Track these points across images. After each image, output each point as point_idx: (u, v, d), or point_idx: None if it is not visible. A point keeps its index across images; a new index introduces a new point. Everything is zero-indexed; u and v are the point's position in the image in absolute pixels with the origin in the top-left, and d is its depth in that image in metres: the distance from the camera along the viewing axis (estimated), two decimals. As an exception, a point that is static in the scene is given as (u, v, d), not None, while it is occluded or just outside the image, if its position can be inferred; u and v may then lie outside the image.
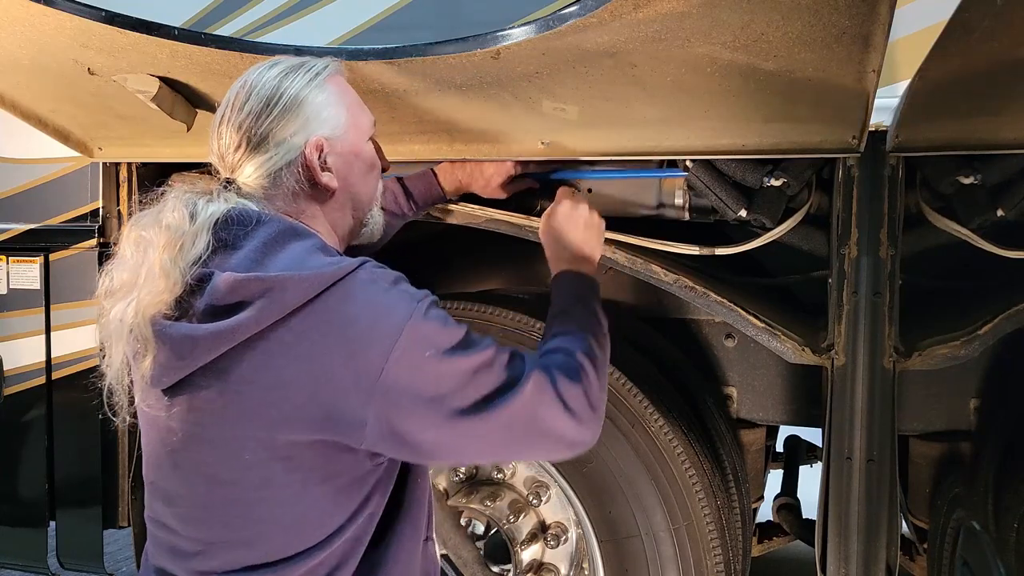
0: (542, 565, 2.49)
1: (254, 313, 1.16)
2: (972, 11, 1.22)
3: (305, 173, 1.36)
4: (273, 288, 1.17)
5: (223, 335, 1.17)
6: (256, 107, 1.34)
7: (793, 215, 2.04)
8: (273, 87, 1.35)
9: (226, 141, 1.36)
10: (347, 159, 1.41)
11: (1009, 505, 2.19)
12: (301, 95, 1.36)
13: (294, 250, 1.25)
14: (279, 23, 2.39)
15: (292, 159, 1.35)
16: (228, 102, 1.37)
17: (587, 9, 1.36)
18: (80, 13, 1.60)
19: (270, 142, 1.34)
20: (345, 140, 1.41)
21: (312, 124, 1.36)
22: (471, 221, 2.20)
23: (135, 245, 1.28)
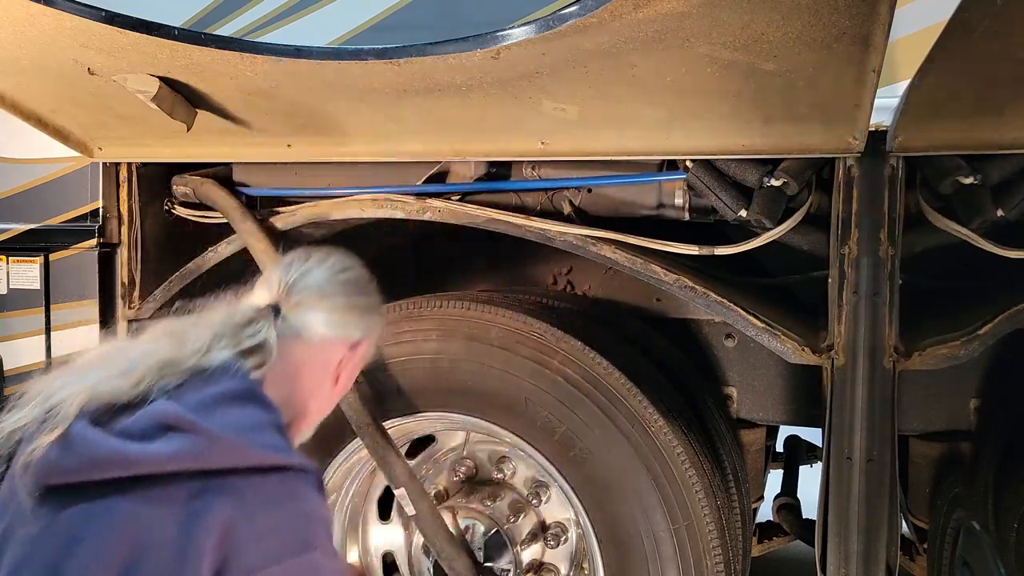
0: (542, 565, 2.49)
1: (173, 452, 1.12)
2: (972, 11, 1.23)
3: (331, 363, 1.47)
4: (201, 438, 1.14)
5: (132, 458, 1.13)
6: (357, 283, 1.52)
7: (793, 215, 2.04)
8: (372, 288, 1.56)
9: (312, 279, 1.47)
10: (345, 384, 1.53)
11: (1009, 505, 2.19)
12: (379, 313, 1.56)
13: (243, 416, 1.23)
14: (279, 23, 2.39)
15: (342, 339, 1.47)
16: (329, 260, 1.52)
17: (587, 9, 1.36)
18: (80, 13, 1.60)
19: (345, 316, 1.47)
20: (363, 363, 1.56)
21: (369, 335, 1.52)
22: (471, 221, 2.20)
23: (145, 341, 1.33)
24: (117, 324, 2.52)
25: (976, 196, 1.92)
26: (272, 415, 1.28)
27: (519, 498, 2.51)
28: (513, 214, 2.17)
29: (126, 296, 2.51)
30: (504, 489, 2.52)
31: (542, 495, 2.48)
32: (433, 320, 2.37)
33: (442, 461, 2.64)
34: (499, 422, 2.30)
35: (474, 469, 2.58)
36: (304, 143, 2.23)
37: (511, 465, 2.53)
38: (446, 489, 2.56)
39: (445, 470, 2.61)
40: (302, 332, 1.42)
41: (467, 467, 2.58)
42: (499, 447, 2.53)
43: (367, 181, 2.32)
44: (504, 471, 2.53)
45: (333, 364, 1.47)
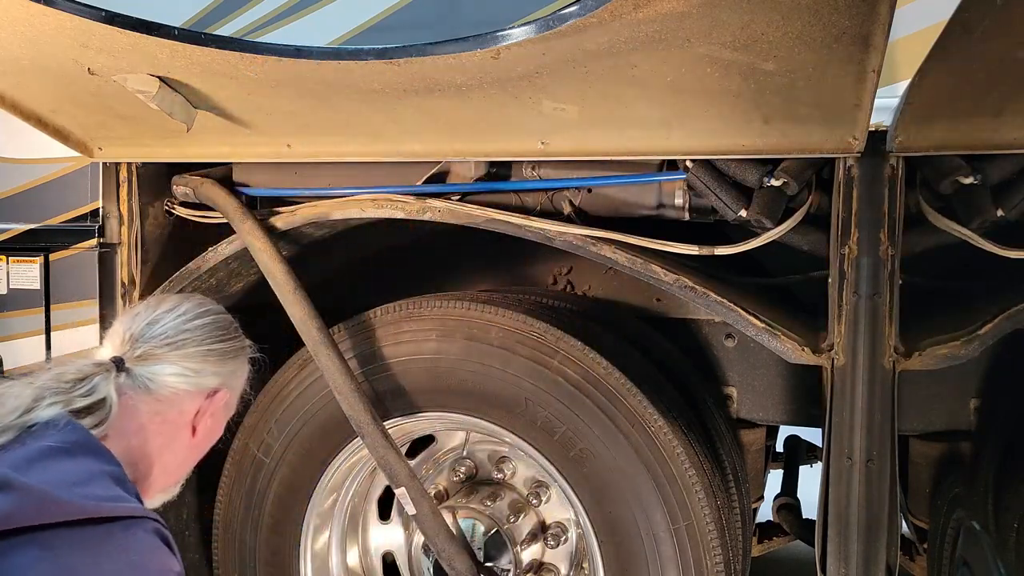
0: (542, 565, 2.49)
1: None
2: (972, 11, 1.23)
3: (186, 414, 1.41)
4: (18, 492, 1.07)
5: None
6: (206, 328, 1.44)
7: (793, 215, 2.04)
8: (227, 324, 1.50)
9: (155, 331, 1.39)
10: (208, 433, 1.48)
11: (1009, 505, 2.19)
12: (242, 351, 1.50)
13: (73, 467, 1.18)
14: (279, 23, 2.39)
15: (196, 391, 1.42)
16: (177, 307, 1.46)
17: (587, 9, 1.36)
18: (80, 13, 1.60)
19: (198, 365, 1.40)
20: (222, 417, 1.49)
21: (232, 379, 1.47)
22: (471, 221, 2.20)
23: None
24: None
25: (976, 196, 1.92)
26: (108, 465, 1.22)
27: (519, 498, 2.51)
28: (513, 214, 2.17)
29: (126, 296, 2.51)
30: (504, 489, 2.52)
31: (542, 495, 2.48)
32: (433, 320, 2.37)
33: (442, 461, 2.64)
34: (499, 422, 2.30)
35: (474, 469, 2.59)
36: (304, 143, 2.24)
37: (511, 465, 2.53)
38: (446, 489, 2.56)
39: (445, 470, 2.61)
40: (149, 386, 1.37)
41: (467, 467, 2.58)
42: (499, 447, 2.53)
43: (367, 181, 2.32)
44: (504, 471, 2.53)
45: (188, 416, 1.42)
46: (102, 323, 2.51)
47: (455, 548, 2.26)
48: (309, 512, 2.49)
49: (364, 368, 2.38)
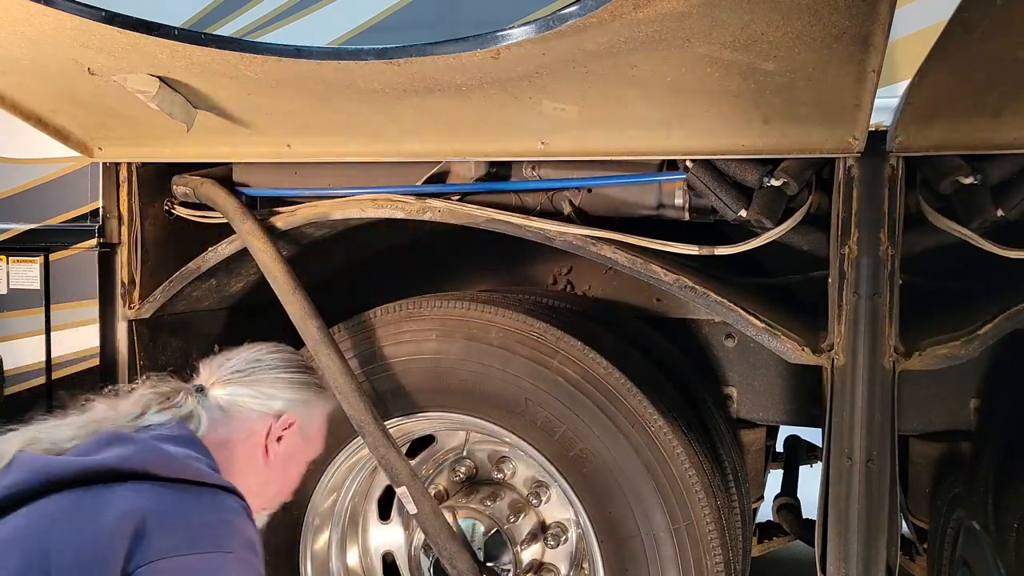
0: (542, 565, 2.50)
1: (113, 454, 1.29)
2: (972, 11, 1.23)
3: (259, 435, 1.55)
4: (138, 443, 1.32)
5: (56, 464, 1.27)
6: (280, 363, 1.63)
7: (793, 215, 2.04)
8: (303, 366, 1.71)
9: (232, 361, 1.61)
10: (291, 453, 1.62)
11: (1009, 505, 2.19)
12: (313, 389, 1.66)
13: (179, 450, 1.36)
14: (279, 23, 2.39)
15: (265, 413, 1.56)
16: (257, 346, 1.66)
17: (587, 9, 1.36)
18: (80, 13, 1.60)
19: (266, 388, 1.57)
20: (301, 442, 1.63)
21: (300, 408, 1.61)
22: (471, 221, 2.20)
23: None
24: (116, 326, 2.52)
25: (976, 196, 1.92)
26: (207, 459, 1.38)
27: (519, 498, 2.51)
28: (513, 214, 2.17)
29: (126, 296, 2.51)
30: (504, 489, 2.52)
31: (542, 495, 2.48)
32: (433, 320, 2.37)
33: (442, 461, 2.64)
34: (499, 422, 2.30)
35: (474, 469, 2.59)
36: (304, 143, 2.23)
37: (511, 465, 2.53)
38: (446, 489, 2.56)
39: (445, 470, 2.61)
40: (224, 407, 1.53)
41: (467, 467, 2.58)
42: (499, 447, 2.53)
43: (367, 181, 2.32)
44: (504, 471, 2.53)
45: (259, 436, 1.56)
46: (102, 323, 2.51)
47: (456, 547, 2.26)
48: (309, 512, 2.50)
49: (364, 368, 2.38)
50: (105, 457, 1.25)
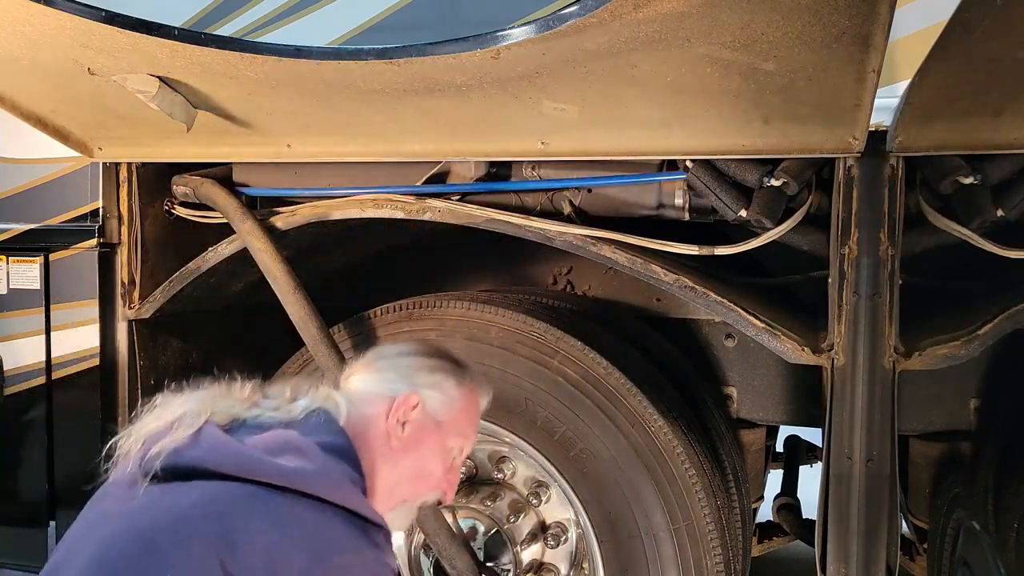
0: (542, 565, 2.49)
1: (294, 466, 1.28)
2: (972, 11, 1.23)
3: (381, 414, 1.50)
4: (317, 464, 1.31)
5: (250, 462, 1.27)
6: (402, 349, 1.62)
7: (793, 215, 2.04)
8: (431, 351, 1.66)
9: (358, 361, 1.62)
10: (419, 437, 1.54)
11: (1009, 505, 2.19)
12: (437, 375, 1.58)
13: (344, 470, 1.36)
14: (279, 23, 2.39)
15: (385, 395, 1.52)
16: None
17: (587, 9, 1.36)
18: (80, 13, 1.60)
19: (387, 373, 1.56)
20: (431, 425, 1.55)
21: (422, 389, 1.54)
22: (471, 221, 2.20)
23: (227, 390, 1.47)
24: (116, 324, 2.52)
25: (976, 196, 1.92)
26: (360, 480, 1.38)
27: (519, 498, 2.50)
28: (513, 214, 2.17)
29: (126, 296, 2.51)
30: (504, 489, 2.52)
31: (542, 495, 2.48)
32: (433, 320, 2.37)
33: (442, 461, 2.63)
34: (499, 422, 2.30)
35: (474, 469, 2.58)
36: (304, 143, 2.23)
37: (511, 465, 2.53)
38: (446, 489, 2.56)
39: (445, 470, 2.61)
40: (352, 398, 1.51)
41: (467, 467, 2.58)
42: (499, 447, 2.53)
43: (367, 181, 2.32)
44: (504, 471, 2.52)
45: (380, 421, 1.50)
46: (102, 323, 2.51)
47: (456, 547, 2.26)
48: (309, 512, 2.49)
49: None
50: (284, 467, 1.26)
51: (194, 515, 1.19)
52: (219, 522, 1.18)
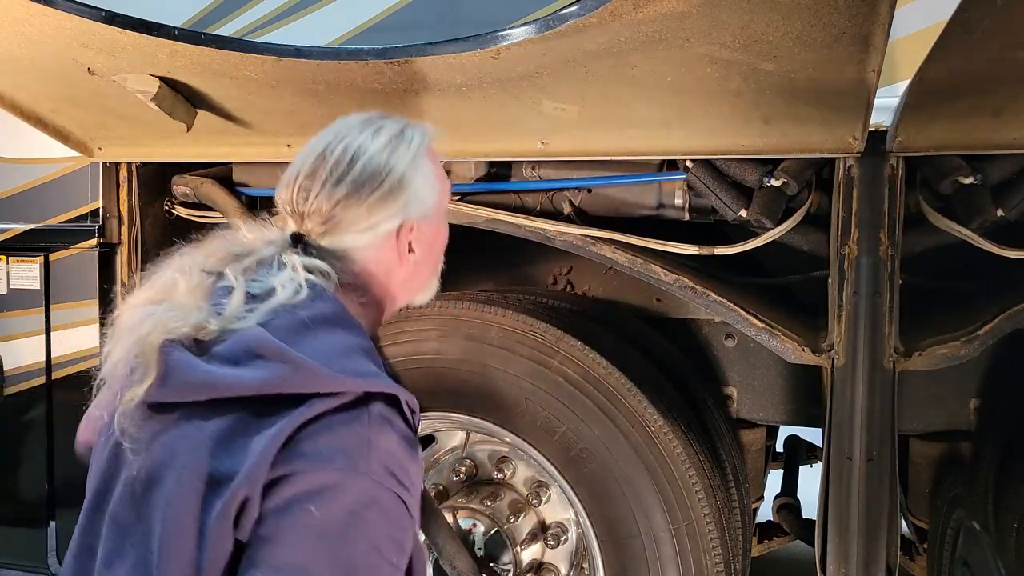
0: (542, 565, 2.49)
1: (262, 375, 1.14)
2: (972, 11, 1.23)
3: (389, 254, 1.35)
4: (290, 365, 1.14)
5: (224, 382, 1.15)
6: (359, 183, 1.33)
7: (793, 215, 2.04)
8: (379, 164, 1.34)
9: (314, 204, 1.33)
10: (429, 241, 1.41)
11: (1009, 505, 2.19)
12: (406, 176, 1.35)
13: (332, 341, 1.22)
14: (279, 23, 2.39)
15: (382, 240, 1.35)
16: (325, 162, 1.35)
17: (587, 9, 1.36)
18: (80, 13, 1.60)
19: (366, 221, 1.33)
20: (431, 222, 1.41)
21: (410, 207, 1.35)
22: (471, 221, 2.20)
23: (180, 271, 1.30)
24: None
25: (976, 196, 1.92)
26: (359, 339, 1.25)
27: (519, 498, 2.50)
28: (513, 214, 2.17)
29: (126, 296, 2.51)
30: (504, 489, 2.52)
31: (542, 495, 2.48)
32: (433, 320, 2.37)
33: (442, 461, 2.64)
34: (499, 422, 2.30)
35: (474, 469, 2.58)
36: (304, 143, 2.23)
37: (511, 465, 2.53)
38: (446, 489, 2.56)
39: (445, 470, 2.61)
40: (338, 254, 1.34)
41: (467, 467, 2.58)
42: (499, 447, 2.53)
43: (367, 181, 2.31)
44: (504, 471, 2.52)
45: (389, 259, 1.36)
46: (102, 323, 2.51)
47: (456, 547, 2.26)
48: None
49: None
50: (249, 378, 1.14)
51: (186, 460, 1.15)
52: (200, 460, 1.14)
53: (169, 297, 1.27)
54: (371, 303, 1.37)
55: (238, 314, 1.23)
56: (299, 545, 1.10)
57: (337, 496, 1.11)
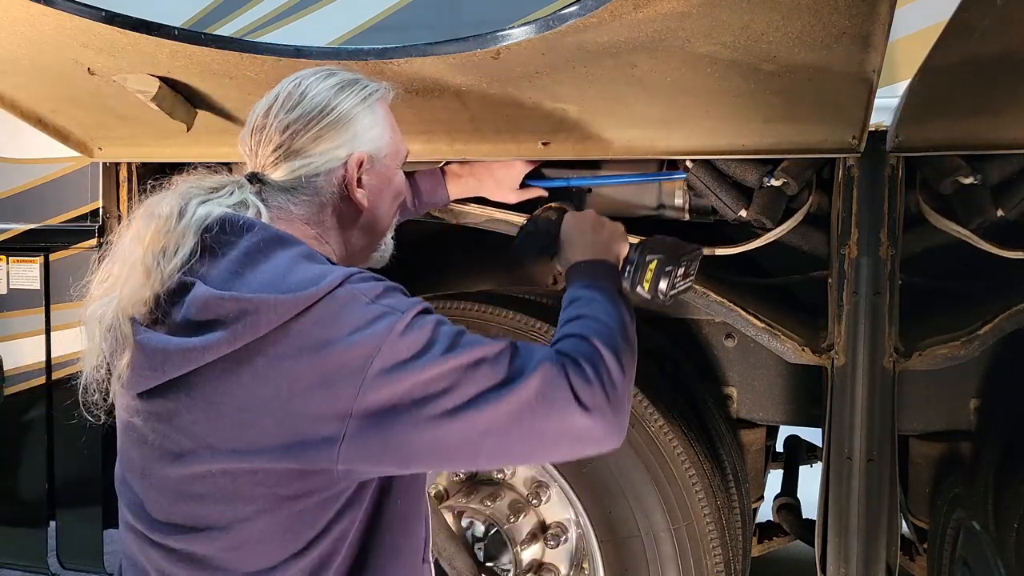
0: (542, 565, 2.49)
1: (227, 335, 1.13)
2: (972, 11, 1.22)
3: (340, 185, 1.36)
4: (248, 311, 1.13)
5: (193, 352, 1.15)
6: (308, 112, 1.34)
7: (793, 215, 2.04)
8: (328, 97, 1.36)
9: (266, 137, 1.35)
10: (381, 182, 1.42)
11: (1009, 505, 2.19)
12: (353, 112, 1.37)
13: (277, 262, 1.21)
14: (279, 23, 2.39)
15: (331, 168, 1.35)
16: (277, 99, 1.36)
17: (587, 9, 1.36)
18: (80, 13, 1.60)
19: (315, 148, 1.34)
20: (383, 163, 1.42)
21: (359, 140, 1.37)
22: (471, 221, 2.20)
23: (131, 239, 1.28)
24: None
25: (976, 196, 1.92)
26: (297, 247, 1.24)
27: (519, 498, 2.50)
28: (513, 213, 2.17)
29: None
30: (504, 489, 2.52)
31: (542, 495, 2.48)
32: (433, 320, 2.36)
33: (442, 461, 2.63)
34: (499, 422, 2.29)
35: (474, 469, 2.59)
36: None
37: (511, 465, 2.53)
38: (446, 489, 2.56)
39: (445, 470, 2.61)
40: (289, 186, 1.35)
41: (467, 467, 2.58)
42: (499, 447, 2.53)
43: (367, 181, 2.31)
44: (504, 471, 2.53)
45: (338, 192, 1.36)
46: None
47: (455, 547, 2.26)
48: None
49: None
50: (215, 339, 1.14)
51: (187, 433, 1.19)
52: None
53: (123, 273, 1.26)
54: (327, 238, 1.37)
55: (178, 271, 1.21)
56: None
57: (399, 353, 1.13)
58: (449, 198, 2.09)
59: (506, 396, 1.15)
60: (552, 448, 1.21)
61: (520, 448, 1.19)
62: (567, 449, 1.22)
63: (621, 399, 1.24)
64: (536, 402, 1.16)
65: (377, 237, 1.47)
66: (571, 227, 1.64)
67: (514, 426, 1.15)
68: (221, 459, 1.15)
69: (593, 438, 1.20)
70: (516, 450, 1.20)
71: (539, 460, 1.21)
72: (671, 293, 1.62)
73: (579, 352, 1.26)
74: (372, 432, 1.12)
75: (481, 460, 1.21)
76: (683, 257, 1.64)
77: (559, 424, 1.18)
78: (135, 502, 1.26)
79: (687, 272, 1.66)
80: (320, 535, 1.19)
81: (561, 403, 1.17)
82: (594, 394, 1.20)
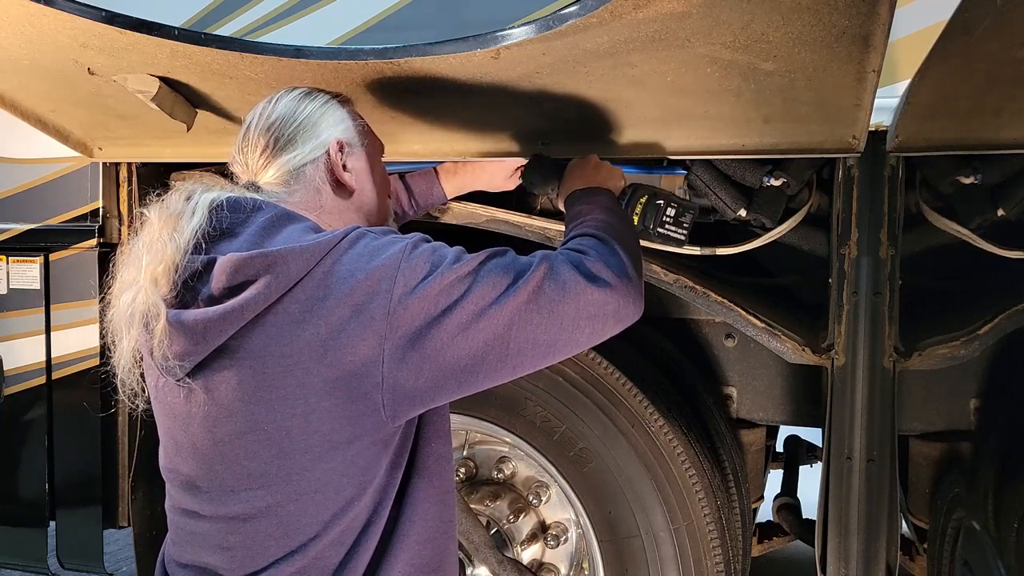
0: (542, 565, 2.49)
1: (261, 289, 1.21)
2: (972, 11, 1.22)
3: (327, 170, 1.47)
4: (276, 263, 1.22)
5: (232, 314, 1.21)
6: (284, 115, 1.48)
7: (793, 215, 2.04)
8: (297, 102, 1.51)
9: (252, 144, 1.47)
10: (364, 167, 1.54)
11: (1009, 505, 2.19)
12: (321, 110, 1.51)
13: (290, 232, 1.31)
14: (279, 23, 2.39)
15: (316, 156, 1.46)
16: (256, 115, 1.50)
17: (587, 9, 1.35)
18: (80, 13, 1.59)
19: (296, 142, 1.45)
20: (362, 149, 1.55)
21: (334, 129, 1.50)
22: (471, 220, 2.20)
23: (143, 238, 1.33)
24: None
25: (976, 196, 1.92)
26: (305, 222, 1.35)
27: (519, 498, 2.51)
28: (513, 213, 2.17)
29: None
30: (504, 489, 2.52)
31: (542, 495, 2.48)
32: (433, 320, 2.37)
33: (442, 461, 2.64)
34: (499, 422, 2.30)
35: (474, 469, 2.59)
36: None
37: (511, 465, 2.53)
38: (446, 489, 2.56)
39: (445, 470, 2.61)
40: (286, 182, 1.45)
41: (467, 467, 2.58)
42: (499, 447, 2.53)
43: (367, 181, 2.31)
44: (504, 471, 2.53)
45: (328, 178, 1.47)
46: (102, 323, 2.51)
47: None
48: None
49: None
50: (254, 296, 1.21)
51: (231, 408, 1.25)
52: None
53: (140, 266, 1.31)
54: (328, 221, 1.45)
55: (192, 239, 1.28)
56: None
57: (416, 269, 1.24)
58: (446, 196, 2.11)
59: (521, 286, 1.24)
60: (574, 330, 1.27)
61: (545, 335, 1.26)
62: (588, 328, 1.28)
63: (628, 271, 1.32)
64: (548, 284, 1.25)
65: (375, 219, 1.56)
66: (573, 165, 1.78)
67: (534, 313, 1.24)
68: (274, 409, 1.21)
69: (609, 311, 1.28)
70: (542, 338, 1.26)
71: (567, 349, 1.26)
72: (658, 230, 1.75)
73: (582, 242, 1.38)
74: (409, 351, 1.20)
75: (511, 358, 1.26)
76: (673, 200, 1.76)
77: (575, 303, 1.26)
78: (187, 483, 1.31)
79: (678, 219, 1.77)
80: (372, 480, 1.26)
81: (571, 282, 1.26)
82: (600, 269, 1.29)
